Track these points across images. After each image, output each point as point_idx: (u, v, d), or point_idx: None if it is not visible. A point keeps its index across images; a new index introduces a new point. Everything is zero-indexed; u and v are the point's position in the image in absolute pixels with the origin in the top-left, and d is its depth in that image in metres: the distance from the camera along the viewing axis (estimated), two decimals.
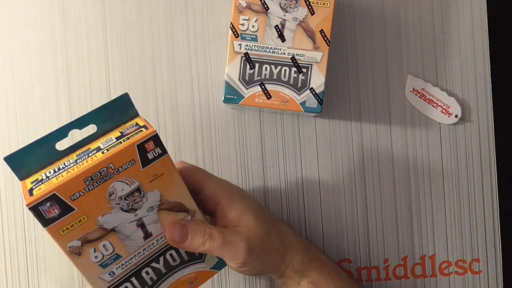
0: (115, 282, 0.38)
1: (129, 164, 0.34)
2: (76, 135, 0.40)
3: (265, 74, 0.46)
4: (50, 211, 0.32)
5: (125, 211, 0.35)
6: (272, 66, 0.46)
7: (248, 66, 0.46)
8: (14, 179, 0.50)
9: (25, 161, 0.34)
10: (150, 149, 0.34)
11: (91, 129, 0.36)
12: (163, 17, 0.51)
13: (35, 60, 0.51)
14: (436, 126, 0.52)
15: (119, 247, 0.37)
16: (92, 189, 0.33)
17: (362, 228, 0.52)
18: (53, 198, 0.32)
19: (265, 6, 0.46)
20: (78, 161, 0.34)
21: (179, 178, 0.37)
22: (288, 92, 0.46)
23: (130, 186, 0.34)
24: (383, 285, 0.52)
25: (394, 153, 0.52)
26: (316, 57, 0.46)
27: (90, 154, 0.34)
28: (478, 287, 0.52)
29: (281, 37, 0.46)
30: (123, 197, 0.35)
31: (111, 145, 0.34)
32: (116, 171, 0.33)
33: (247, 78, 0.46)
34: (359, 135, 0.52)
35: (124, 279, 0.38)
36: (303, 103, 0.46)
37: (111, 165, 0.33)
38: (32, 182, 0.33)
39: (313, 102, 0.47)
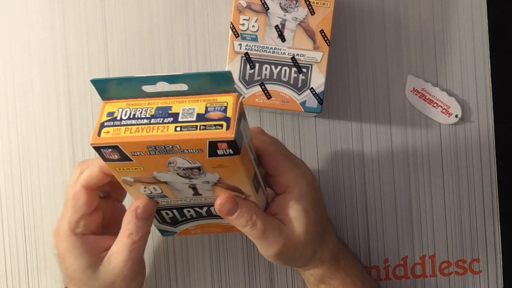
0: (158, 207, 0.40)
1: (195, 151, 0.33)
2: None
3: (265, 74, 0.46)
4: (110, 154, 0.33)
5: (181, 176, 0.35)
6: (272, 66, 0.46)
7: (248, 66, 0.46)
8: (14, 179, 0.50)
9: (110, 87, 0.34)
10: (222, 148, 0.32)
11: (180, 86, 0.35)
12: (163, 17, 0.51)
13: (35, 60, 0.51)
14: (436, 126, 0.52)
15: (168, 192, 0.38)
16: (153, 154, 0.33)
17: (362, 228, 0.52)
18: (115, 147, 0.33)
19: (265, 6, 0.46)
20: (152, 120, 0.33)
21: (244, 173, 0.35)
22: (288, 92, 0.46)
23: (191, 164, 0.34)
24: (383, 285, 0.52)
25: (394, 153, 0.52)
26: (316, 57, 0.46)
27: (165, 120, 0.33)
28: (478, 287, 0.52)
29: (281, 37, 0.46)
30: (181, 168, 0.34)
31: (188, 124, 0.32)
32: (181, 151, 0.33)
33: (247, 78, 0.46)
34: (359, 135, 0.52)
35: (166, 208, 0.40)
36: (303, 103, 0.46)
37: (177, 145, 0.32)
38: (108, 115, 0.34)
39: (313, 102, 0.47)
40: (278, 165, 0.40)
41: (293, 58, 0.46)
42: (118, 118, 0.34)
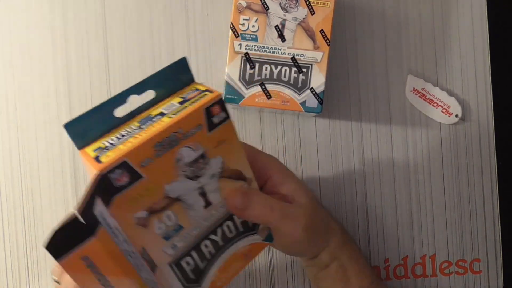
0: (177, 256, 0.37)
1: (196, 129, 0.33)
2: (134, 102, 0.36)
3: (265, 74, 0.46)
4: (120, 179, 0.30)
5: (189, 178, 0.35)
6: (272, 66, 0.46)
7: (248, 66, 0.46)
8: (14, 178, 0.50)
9: (84, 128, 0.32)
10: (216, 113, 0.33)
11: (149, 95, 0.35)
12: (163, 17, 0.51)
13: (35, 60, 0.51)
14: (436, 126, 0.52)
15: (182, 217, 0.36)
16: (161, 155, 0.31)
17: (363, 228, 0.52)
18: (123, 165, 0.30)
19: (265, 6, 0.46)
20: (142, 127, 0.32)
21: (240, 144, 0.36)
22: (288, 92, 0.46)
23: (195, 152, 0.34)
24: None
25: (394, 153, 0.52)
26: (316, 57, 0.46)
27: (154, 120, 0.33)
28: (479, 287, 0.52)
29: (281, 37, 0.46)
30: (188, 164, 0.34)
31: (176, 110, 0.33)
32: (184, 136, 0.32)
33: (247, 78, 0.46)
34: (359, 135, 0.52)
35: (185, 253, 0.37)
36: (303, 103, 0.46)
37: (180, 129, 0.32)
38: (95, 150, 0.32)
39: (313, 102, 0.47)
40: (248, 152, 0.39)
41: (293, 58, 0.46)
42: (108, 145, 0.31)
